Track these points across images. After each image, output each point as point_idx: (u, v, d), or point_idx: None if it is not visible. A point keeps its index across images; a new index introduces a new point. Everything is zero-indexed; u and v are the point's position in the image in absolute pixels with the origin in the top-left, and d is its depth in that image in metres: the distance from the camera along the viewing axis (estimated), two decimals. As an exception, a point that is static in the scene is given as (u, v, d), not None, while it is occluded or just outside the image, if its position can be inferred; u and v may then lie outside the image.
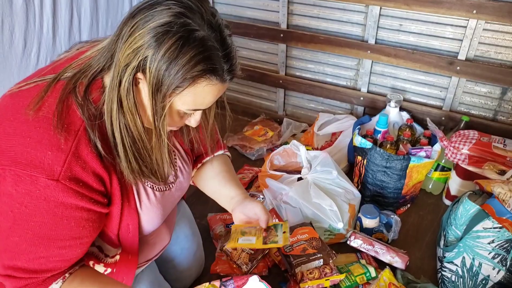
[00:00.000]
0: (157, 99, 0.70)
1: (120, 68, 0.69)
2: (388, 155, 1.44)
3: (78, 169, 0.70)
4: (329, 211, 1.36)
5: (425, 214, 1.57)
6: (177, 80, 0.68)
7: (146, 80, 0.69)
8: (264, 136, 2.00)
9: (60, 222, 0.71)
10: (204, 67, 0.68)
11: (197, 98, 0.73)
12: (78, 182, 0.70)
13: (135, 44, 0.67)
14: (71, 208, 0.71)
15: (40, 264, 0.73)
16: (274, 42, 1.97)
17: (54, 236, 0.72)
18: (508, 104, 1.63)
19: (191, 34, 0.66)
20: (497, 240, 1.08)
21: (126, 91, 0.70)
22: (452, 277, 1.18)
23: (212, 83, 0.71)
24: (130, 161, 0.76)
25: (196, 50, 0.67)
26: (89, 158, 0.71)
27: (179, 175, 0.97)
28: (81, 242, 0.76)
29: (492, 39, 1.55)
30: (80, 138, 0.71)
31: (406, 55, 1.69)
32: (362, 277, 1.22)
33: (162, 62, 0.67)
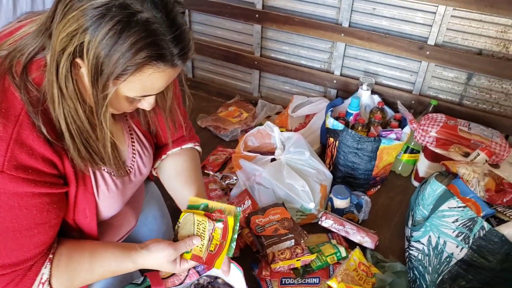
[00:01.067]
0: (97, 87, 0.64)
1: (56, 52, 0.63)
2: (359, 136, 1.47)
3: (24, 156, 0.65)
4: (301, 192, 1.38)
5: (394, 195, 1.62)
6: (118, 68, 0.62)
7: (84, 67, 0.63)
8: (239, 117, 1.99)
9: (20, 213, 0.67)
10: (148, 53, 0.62)
11: (145, 85, 0.67)
12: (27, 170, 0.65)
13: (69, 27, 0.60)
14: (27, 197, 0.67)
15: (17, 257, 0.70)
16: (249, 23, 1.94)
17: (19, 227, 0.69)
18: (473, 89, 1.68)
19: (131, 17, 0.59)
20: (461, 219, 1.13)
21: (64, 77, 0.64)
22: (418, 256, 1.23)
23: (159, 69, 0.65)
24: (78, 149, 0.71)
25: (138, 36, 0.60)
26: (35, 143, 0.66)
27: (138, 160, 0.92)
28: (50, 225, 0.73)
29: (459, 25, 1.59)
30: (22, 123, 0.65)
31: (378, 39, 1.71)
32: (332, 257, 1.25)
33: (100, 49, 0.60)
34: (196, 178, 1.01)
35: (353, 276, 1.17)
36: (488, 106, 1.69)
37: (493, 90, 1.64)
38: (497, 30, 1.53)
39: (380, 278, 1.18)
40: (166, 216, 1.25)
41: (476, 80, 1.66)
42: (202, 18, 2.06)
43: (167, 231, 1.24)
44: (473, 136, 1.49)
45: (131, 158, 0.90)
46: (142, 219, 1.12)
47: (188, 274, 1.00)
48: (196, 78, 2.28)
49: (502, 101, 1.65)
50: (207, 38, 2.12)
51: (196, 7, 2.02)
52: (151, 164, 0.98)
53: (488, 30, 1.55)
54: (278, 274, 1.18)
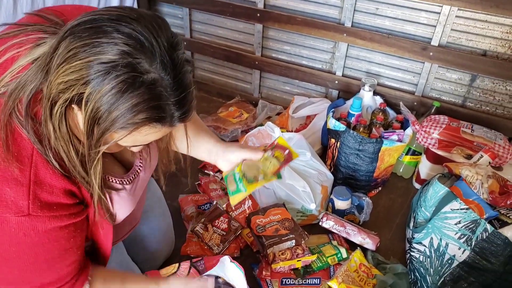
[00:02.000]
0: (91, 138, 0.63)
1: (52, 93, 0.61)
2: (361, 138, 1.45)
3: (46, 195, 0.65)
4: (302, 192, 1.36)
5: (395, 197, 1.60)
6: (115, 126, 0.60)
7: (82, 113, 0.61)
8: (239, 118, 1.98)
9: (51, 246, 0.69)
10: (148, 116, 0.60)
11: (138, 140, 0.67)
12: (51, 207, 0.66)
13: (70, 75, 0.58)
14: (55, 231, 0.69)
15: (52, 276, 0.74)
16: (250, 22, 1.93)
17: (51, 258, 0.71)
18: (477, 91, 1.67)
19: (137, 78, 0.57)
20: (464, 221, 1.11)
21: (58, 120, 0.63)
22: (420, 257, 1.21)
23: (156, 129, 0.64)
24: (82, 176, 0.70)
25: (141, 98, 0.58)
26: (53, 180, 0.66)
27: (145, 156, 0.92)
28: (76, 247, 0.75)
29: (464, 26, 1.57)
30: (37, 163, 0.65)
31: (381, 39, 1.70)
32: (333, 258, 1.23)
33: (100, 103, 0.58)
34: (202, 128, 1.02)
35: (354, 277, 1.15)
36: (491, 108, 1.67)
37: (497, 92, 1.63)
38: (502, 31, 1.52)
39: (381, 280, 1.17)
40: (166, 215, 1.24)
41: (480, 82, 1.64)
42: (204, 17, 2.05)
43: (167, 230, 1.23)
44: (476, 138, 1.47)
45: (139, 158, 0.89)
46: (143, 217, 1.12)
47: (189, 273, 0.99)
48: (196, 78, 2.27)
49: (506, 103, 1.64)
50: (208, 37, 2.11)
51: (197, 6, 2.01)
52: (157, 155, 0.96)
53: (493, 31, 1.53)
54: (278, 275, 1.16)
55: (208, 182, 1.57)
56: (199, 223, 1.32)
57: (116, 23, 0.58)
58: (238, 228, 1.33)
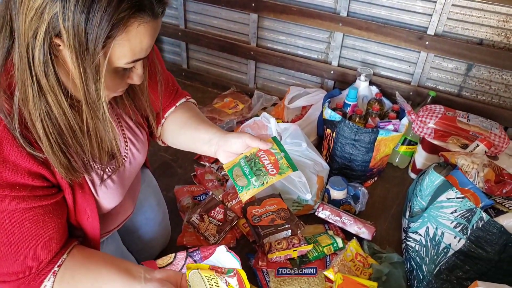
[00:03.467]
0: (85, 62, 0.58)
1: (27, 40, 0.56)
2: (357, 128, 1.45)
3: (8, 173, 0.61)
4: (298, 183, 1.36)
5: (391, 186, 1.60)
6: (104, 31, 0.56)
7: (65, 44, 0.57)
8: (234, 108, 1.96)
9: (13, 229, 0.65)
10: (129, 4, 0.56)
11: (134, 45, 0.62)
12: (13, 187, 0.62)
13: (34, 2, 0.54)
14: (17, 212, 0.64)
15: (20, 266, 0.69)
16: (245, 12, 1.91)
17: (15, 241, 0.67)
18: (473, 80, 1.66)
19: None
20: (459, 210, 1.12)
21: (43, 65, 0.58)
22: (415, 247, 1.22)
23: (144, 21, 0.60)
24: (58, 156, 0.65)
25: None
26: (19, 159, 0.62)
27: (130, 147, 0.89)
28: (49, 234, 0.71)
29: (460, 15, 1.56)
30: (2, 140, 0.61)
31: (377, 28, 1.69)
32: (329, 247, 1.23)
33: (78, 15, 0.54)
34: (202, 119, 0.96)
35: (350, 267, 1.15)
36: (487, 97, 1.67)
37: (493, 81, 1.63)
38: (498, 20, 1.51)
39: (377, 269, 1.17)
40: (162, 205, 1.24)
41: (476, 71, 1.64)
42: (198, 8, 2.03)
43: (163, 220, 1.23)
44: (472, 128, 1.47)
45: (124, 147, 0.87)
46: (138, 207, 1.11)
47: (185, 263, 0.99)
48: (191, 69, 2.25)
49: (502, 92, 1.64)
50: (203, 28, 2.08)
51: (192, -5, 1.99)
52: (145, 148, 0.94)
53: (490, 20, 1.52)
54: (274, 264, 1.16)
55: (204, 173, 1.56)
56: (195, 214, 1.31)
57: None
58: (234, 218, 1.32)
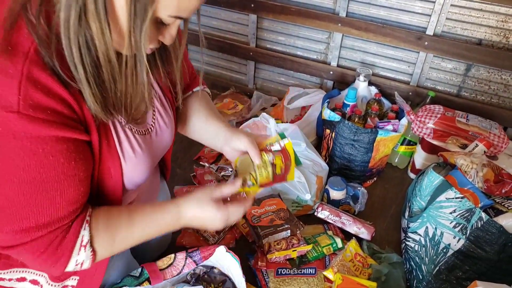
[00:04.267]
0: (137, 4, 0.57)
1: None
2: (356, 128, 1.45)
3: (39, 95, 0.56)
4: (297, 183, 1.36)
5: (390, 187, 1.60)
6: None
7: None
8: (234, 109, 1.96)
9: (46, 161, 0.59)
10: None
11: (181, 6, 0.61)
12: (45, 110, 0.57)
13: None
14: (51, 141, 0.59)
15: (50, 215, 0.63)
16: (244, 12, 1.91)
17: (47, 178, 0.61)
18: (472, 80, 1.66)
19: None
20: (459, 210, 1.12)
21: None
22: (415, 247, 1.22)
23: None
24: (91, 86, 0.62)
25: None
26: (49, 81, 0.58)
27: (158, 118, 0.85)
28: (79, 179, 0.65)
29: (459, 15, 1.57)
30: (32, 61, 0.57)
31: (376, 29, 1.69)
32: (329, 248, 1.23)
33: None
34: (213, 111, 1.00)
35: (349, 267, 1.15)
36: (486, 97, 1.67)
37: (492, 81, 1.63)
38: (497, 20, 1.51)
39: (376, 269, 1.17)
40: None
41: (475, 71, 1.64)
42: (197, 8, 2.03)
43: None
44: (471, 128, 1.47)
45: (151, 117, 0.84)
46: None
47: (186, 263, 0.99)
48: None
49: (501, 92, 1.64)
50: (202, 28, 2.08)
51: (191, -4, 1.98)
52: (173, 125, 0.92)
53: (489, 20, 1.52)
54: (274, 265, 1.16)
55: (203, 173, 1.56)
56: (194, 215, 1.31)
57: None
58: (233, 219, 1.32)
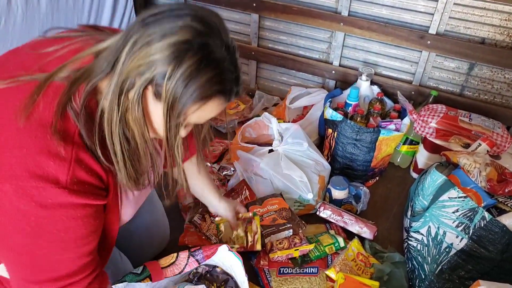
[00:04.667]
0: (171, 116, 0.69)
1: (125, 78, 0.67)
2: (358, 127, 1.44)
3: (82, 173, 0.70)
4: (299, 182, 1.36)
5: (393, 186, 1.60)
6: (192, 100, 0.67)
7: (159, 97, 0.68)
8: (236, 109, 1.96)
9: (81, 222, 0.72)
10: (218, 88, 0.68)
11: (203, 115, 0.73)
12: (84, 185, 0.71)
13: (149, 57, 0.64)
14: (84, 208, 0.72)
15: (75, 264, 0.75)
16: (246, 12, 1.91)
17: (80, 235, 0.74)
18: (475, 79, 1.66)
19: (210, 55, 0.66)
20: (461, 209, 1.11)
21: (136, 103, 0.69)
22: (417, 246, 1.21)
23: (220, 102, 0.72)
24: (128, 170, 0.76)
25: (214, 72, 0.66)
26: (91, 162, 0.71)
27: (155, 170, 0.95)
28: (97, 234, 0.78)
29: (462, 13, 1.56)
30: (78, 145, 0.70)
31: (378, 28, 1.68)
32: (331, 247, 1.23)
33: (180, 81, 0.65)
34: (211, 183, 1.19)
35: (352, 266, 1.15)
36: (489, 96, 1.67)
37: (496, 80, 1.62)
38: (501, 18, 1.51)
39: (378, 268, 1.17)
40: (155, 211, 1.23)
41: (478, 70, 1.63)
42: (199, 8, 2.03)
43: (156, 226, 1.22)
44: (474, 127, 1.47)
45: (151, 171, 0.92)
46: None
47: (188, 262, 0.99)
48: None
49: (504, 91, 1.63)
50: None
51: (193, -4, 1.99)
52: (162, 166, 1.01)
53: (492, 18, 1.52)
54: (276, 264, 1.16)
55: (205, 173, 1.56)
56: (197, 214, 1.31)
57: (185, 8, 0.67)
58: (236, 218, 1.32)
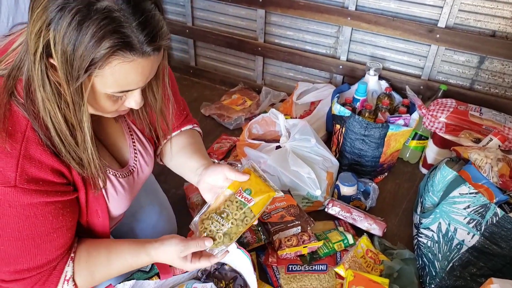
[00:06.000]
0: (71, 85, 0.62)
1: (31, 55, 0.62)
2: (366, 123, 1.43)
3: (34, 170, 0.67)
4: (307, 179, 1.35)
5: (402, 182, 1.58)
6: (85, 62, 0.59)
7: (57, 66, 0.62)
8: (243, 105, 1.95)
9: (37, 221, 0.71)
10: (111, 42, 0.58)
11: (118, 78, 0.64)
12: (38, 182, 0.68)
13: (35, 26, 0.59)
14: (41, 206, 0.70)
15: (40, 260, 0.74)
16: (252, 8, 1.90)
17: (37, 233, 0.72)
18: (485, 73, 1.63)
19: (90, 6, 0.57)
20: (473, 206, 1.09)
21: (41, 80, 0.63)
22: (428, 243, 1.20)
23: (128, 59, 0.61)
24: (70, 152, 0.71)
25: (98, 25, 0.57)
26: (43, 157, 0.68)
27: (140, 159, 0.93)
28: (66, 228, 0.76)
29: (472, 6, 1.53)
30: (29, 138, 0.67)
31: (386, 22, 1.66)
32: (340, 244, 1.22)
33: (65, 43, 0.58)
34: (198, 148, 0.99)
35: (361, 263, 1.14)
36: (500, 90, 1.64)
37: (507, 73, 1.59)
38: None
39: (388, 265, 1.16)
40: (165, 209, 1.23)
41: (489, 64, 1.60)
42: (205, 4, 2.02)
43: (166, 225, 1.22)
44: (485, 122, 1.44)
45: (133, 158, 0.92)
46: (140, 213, 1.12)
47: None
48: (199, 66, 2.24)
49: (515, 85, 1.60)
50: (210, 24, 2.07)
51: (198, -8, 1.98)
52: (152, 162, 0.99)
53: (503, 11, 1.49)
54: (285, 261, 1.15)
55: (212, 170, 1.55)
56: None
57: None
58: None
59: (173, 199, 1.34)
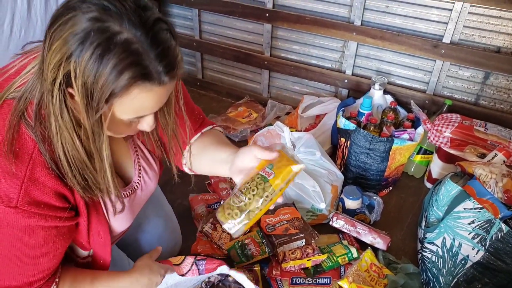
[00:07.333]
0: (90, 114, 0.63)
1: (49, 84, 0.63)
2: (371, 137, 1.44)
3: (37, 192, 0.68)
4: (312, 192, 1.35)
5: (406, 196, 1.58)
6: (105, 94, 0.61)
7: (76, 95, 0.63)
8: (248, 117, 1.97)
9: (29, 243, 0.71)
10: (132, 73, 0.60)
11: (135, 106, 0.65)
12: (39, 205, 0.68)
13: (55, 57, 0.60)
14: (37, 229, 0.71)
15: (22, 280, 0.74)
16: (259, 22, 1.93)
17: (26, 255, 0.72)
18: (490, 88, 1.64)
19: (110, 40, 0.58)
20: (477, 221, 1.09)
21: (59, 108, 0.64)
22: (432, 258, 1.19)
23: (146, 89, 0.63)
24: (76, 178, 0.71)
25: (118, 57, 0.58)
26: (48, 180, 0.69)
27: (144, 175, 0.93)
28: (54, 254, 0.76)
29: (476, 22, 1.55)
30: (35, 161, 0.68)
31: (391, 37, 1.68)
32: (344, 257, 1.22)
33: (86, 76, 0.59)
34: (223, 141, 0.98)
35: (365, 277, 1.14)
36: (506, 106, 1.64)
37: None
38: (516, 27, 1.49)
39: (392, 280, 1.15)
40: (170, 221, 1.24)
41: (494, 79, 1.61)
42: (213, 18, 2.06)
43: (171, 236, 1.22)
44: (490, 137, 1.45)
45: (138, 175, 0.92)
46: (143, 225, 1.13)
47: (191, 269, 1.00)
48: (206, 78, 2.27)
49: (520, 101, 1.61)
50: (217, 38, 2.11)
51: (207, 7, 2.01)
52: (157, 178, 0.99)
53: (507, 27, 1.50)
54: (288, 274, 1.15)
55: (218, 181, 1.56)
56: (208, 223, 1.32)
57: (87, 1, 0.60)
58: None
59: (178, 210, 1.35)
